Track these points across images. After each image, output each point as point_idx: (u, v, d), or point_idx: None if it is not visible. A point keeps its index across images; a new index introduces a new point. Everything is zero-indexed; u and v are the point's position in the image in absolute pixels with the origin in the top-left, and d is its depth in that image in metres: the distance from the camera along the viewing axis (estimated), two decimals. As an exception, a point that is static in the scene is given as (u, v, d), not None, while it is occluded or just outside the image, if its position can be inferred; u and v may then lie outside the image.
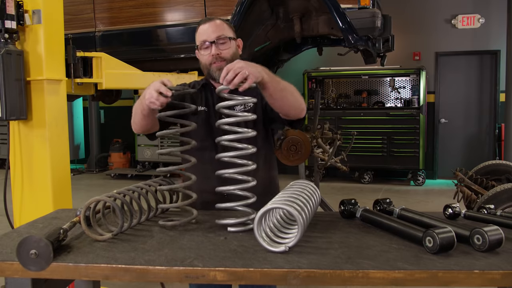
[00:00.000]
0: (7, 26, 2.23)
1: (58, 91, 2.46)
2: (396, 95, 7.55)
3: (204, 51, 1.78)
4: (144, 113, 1.61)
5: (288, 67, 5.92)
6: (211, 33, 1.76)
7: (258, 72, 1.45)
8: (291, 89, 1.62)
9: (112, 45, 3.90)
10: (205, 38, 1.76)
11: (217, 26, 1.77)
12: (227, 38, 1.77)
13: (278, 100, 1.60)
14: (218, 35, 1.75)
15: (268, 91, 1.54)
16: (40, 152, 2.38)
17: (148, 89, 1.50)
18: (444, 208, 1.58)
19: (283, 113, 1.68)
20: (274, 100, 1.61)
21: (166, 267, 1.13)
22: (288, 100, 1.62)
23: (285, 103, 1.63)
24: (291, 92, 1.62)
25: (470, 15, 7.28)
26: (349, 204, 1.56)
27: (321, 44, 4.06)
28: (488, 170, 3.79)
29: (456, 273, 1.07)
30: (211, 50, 1.75)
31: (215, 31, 1.76)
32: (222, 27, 1.78)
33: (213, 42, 1.74)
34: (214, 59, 1.75)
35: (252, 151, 1.47)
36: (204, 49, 1.77)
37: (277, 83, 1.55)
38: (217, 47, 1.75)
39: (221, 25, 1.79)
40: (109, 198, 1.37)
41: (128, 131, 9.63)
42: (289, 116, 1.71)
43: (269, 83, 1.51)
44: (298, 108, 1.67)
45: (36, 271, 1.15)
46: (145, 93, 1.52)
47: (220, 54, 1.75)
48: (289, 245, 1.21)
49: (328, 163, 4.35)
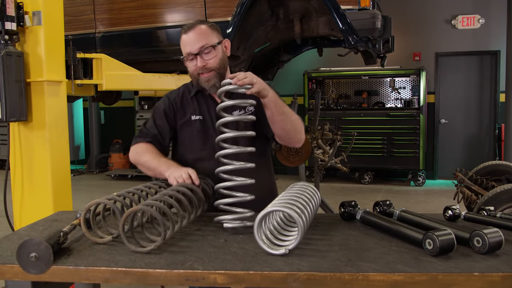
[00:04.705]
0: (7, 28, 2.23)
1: (58, 93, 2.46)
2: (396, 95, 7.55)
3: (190, 63, 1.72)
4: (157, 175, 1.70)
5: (288, 68, 5.92)
6: (194, 43, 1.68)
7: (265, 86, 1.52)
8: (293, 118, 1.66)
9: (112, 46, 3.89)
10: (189, 51, 1.70)
11: (199, 35, 1.69)
12: (210, 47, 1.69)
13: (277, 123, 1.64)
14: (202, 45, 1.68)
15: (270, 110, 1.59)
16: (40, 153, 2.38)
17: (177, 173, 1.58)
18: (444, 209, 1.58)
19: (277, 136, 1.72)
20: (273, 123, 1.65)
21: (166, 270, 1.13)
22: (286, 125, 1.65)
23: (282, 128, 1.66)
24: (291, 120, 1.65)
25: (470, 16, 7.27)
26: (349, 206, 1.56)
27: (321, 45, 4.06)
28: (488, 171, 3.79)
29: (456, 276, 1.07)
30: (197, 62, 1.70)
31: (198, 41, 1.68)
32: (205, 34, 1.70)
33: (197, 54, 1.69)
34: (201, 70, 1.71)
35: (250, 166, 1.50)
36: (189, 61, 1.72)
37: (281, 106, 1.60)
38: (202, 57, 1.69)
39: (204, 32, 1.70)
40: (109, 201, 1.37)
41: (128, 132, 9.55)
42: (281, 141, 1.77)
43: (272, 102, 1.56)
44: (293, 138, 1.72)
45: (36, 274, 1.15)
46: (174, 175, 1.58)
47: (206, 65, 1.70)
48: (289, 247, 1.21)
49: (328, 163, 4.35)
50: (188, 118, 1.81)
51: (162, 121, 1.83)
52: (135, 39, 3.87)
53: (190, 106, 1.83)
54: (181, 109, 1.83)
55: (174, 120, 1.83)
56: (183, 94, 1.85)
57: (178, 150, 1.87)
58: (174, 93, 1.87)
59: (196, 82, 1.77)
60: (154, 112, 1.87)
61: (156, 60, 4.02)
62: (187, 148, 1.83)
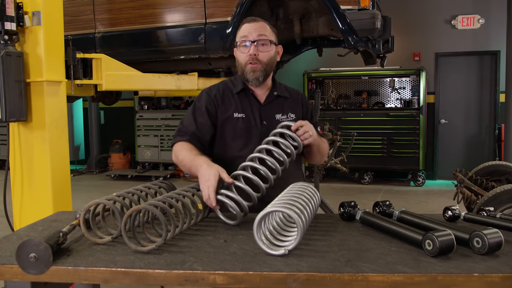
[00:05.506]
0: (7, 28, 2.24)
1: (58, 93, 2.46)
2: (396, 95, 7.55)
3: (243, 48, 1.75)
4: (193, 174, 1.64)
5: (288, 68, 5.93)
6: (253, 31, 1.73)
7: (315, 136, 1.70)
8: (324, 152, 1.90)
9: (112, 47, 3.90)
10: (246, 35, 1.73)
11: (260, 26, 1.75)
12: (268, 40, 1.74)
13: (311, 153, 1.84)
14: (260, 34, 1.73)
15: (312, 148, 1.78)
16: (40, 153, 2.38)
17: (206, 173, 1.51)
18: (443, 210, 1.58)
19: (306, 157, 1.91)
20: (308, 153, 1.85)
21: (165, 270, 1.13)
22: (316, 157, 1.88)
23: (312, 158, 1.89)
24: (322, 154, 1.89)
25: (470, 16, 7.27)
26: (349, 206, 1.56)
27: (321, 45, 4.06)
28: (488, 171, 3.78)
29: (455, 277, 1.07)
30: (250, 49, 1.72)
31: (258, 30, 1.73)
32: (265, 28, 1.76)
33: (253, 42, 1.72)
34: (251, 59, 1.73)
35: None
36: (243, 47, 1.74)
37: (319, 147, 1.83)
38: (257, 47, 1.72)
39: (265, 26, 1.77)
40: (108, 201, 1.37)
41: (128, 132, 9.57)
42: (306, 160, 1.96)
43: (315, 146, 1.79)
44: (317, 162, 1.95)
45: (35, 274, 1.15)
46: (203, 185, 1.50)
47: (257, 55, 1.73)
48: (288, 248, 1.20)
49: (328, 164, 4.35)
50: (230, 115, 1.79)
51: (203, 117, 1.79)
52: (135, 39, 3.87)
53: (232, 103, 1.81)
54: (223, 105, 1.80)
55: (215, 116, 1.80)
56: (223, 91, 1.84)
57: (216, 147, 1.83)
58: (214, 90, 1.85)
59: (241, 73, 1.79)
60: (193, 110, 1.82)
61: (156, 60, 4.02)
62: (227, 146, 1.80)
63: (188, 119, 1.81)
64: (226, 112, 1.80)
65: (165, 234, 1.26)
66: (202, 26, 3.62)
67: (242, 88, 1.82)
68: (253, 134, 1.78)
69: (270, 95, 1.86)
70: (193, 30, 3.66)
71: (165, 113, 8.17)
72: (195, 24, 3.65)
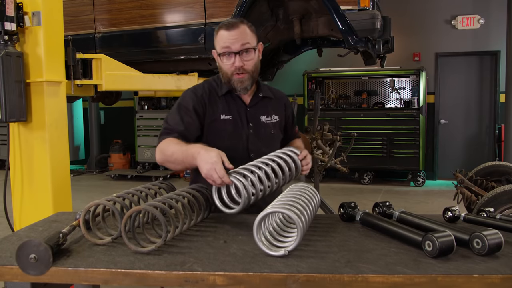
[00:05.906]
0: (7, 28, 2.24)
1: (58, 93, 2.46)
2: (396, 96, 7.55)
3: (227, 60, 1.69)
4: (187, 166, 1.60)
5: (288, 68, 5.93)
6: (235, 41, 1.66)
7: (310, 166, 1.73)
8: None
9: (112, 47, 3.89)
10: (229, 45, 1.66)
11: (242, 34, 1.67)
12: (251, 48, 1.69)
13: None
14: (243, 43, 1.66)
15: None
16: (40, 154, 2.38)
17: (212, 166, 1.44)
18: (443, 211, 1.58)
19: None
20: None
21: (165, 271, 1.13)
22: None
23: None
24: None
25: (470, 16, 7.27)
26: (349, 207, 1.56)
27: (321, 45, 4.06)
28: (488, 171, 3.78)
29: (455, 278, 1.07)
30: (235, 61, 1.67)
31: (240, 39, 1.66)
32: (246, 34, 1.68)
33: (237, 53, 1.66)
34: (237, 70, 1.69)
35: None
36: (226, 57, 1.69)
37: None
38: (241, 57, 1.67)
39: (245, 31, 1.68)
40: (108, 202, 1.37)
41: (128, 132, 9.56)
42: None
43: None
44: None
45: (35, 275, 1.15)
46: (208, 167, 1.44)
47: (243, 66, 1.68)
48: (288, 249, 1.21)
49: (328, 164, 4.35)
50: (217, 117, 1.76)
51: (191, 117, 1.73)
52: (135, 40, 3.87)
53: (218, 104, 1.78)
54: (210, 106, 1.77)
55: (203, 117, 1.76)
56: (210, 91, 1.79)
57: None
58: (200, 89, 1.79)
59: (227, 81, 1.75)
60: (178, 109, 1.75)
61: (155, 60, 4.02)
62: (217, 147, 1.78)
63: (173, 118, 1.74)
64: (213, 113, 1.77)
65: (165, 235, 1.26)
66: (202, 27, 3.62)
67: (228, 91, 1.79)
68: (240, 136, 1.77)
69: (255, 96, 1.84)
70: (193, 30, 3.66)
71: (165, 113, 8.15)
72: (195, 24, 3.65)
